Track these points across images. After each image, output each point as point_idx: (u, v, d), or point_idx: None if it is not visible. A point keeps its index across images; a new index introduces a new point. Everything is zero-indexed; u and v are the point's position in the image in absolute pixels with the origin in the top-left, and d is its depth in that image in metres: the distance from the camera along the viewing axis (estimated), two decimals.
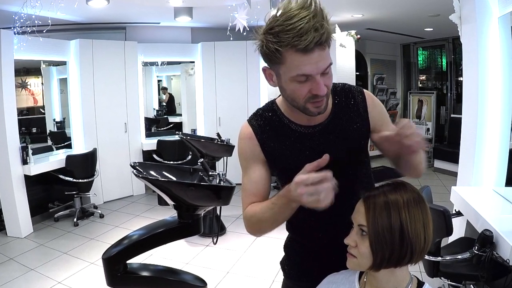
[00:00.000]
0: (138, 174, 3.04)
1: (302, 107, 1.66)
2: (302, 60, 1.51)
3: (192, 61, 9.83)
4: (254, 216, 1.82)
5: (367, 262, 1.49)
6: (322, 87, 1.57)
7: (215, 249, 5.94)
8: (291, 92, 1.63)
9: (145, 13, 8.04)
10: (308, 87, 1.58)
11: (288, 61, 1.54)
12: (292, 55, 1.51)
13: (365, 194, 1.55)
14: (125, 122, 8.57)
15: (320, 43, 1.49)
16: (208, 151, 6.45)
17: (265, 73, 1.72)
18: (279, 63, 1.57)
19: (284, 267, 2.14)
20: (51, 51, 7.53)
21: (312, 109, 1.65)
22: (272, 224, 1.76)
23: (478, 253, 2.99)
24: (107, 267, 3.10)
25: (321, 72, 1.55)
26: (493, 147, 4.37)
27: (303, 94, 1.60)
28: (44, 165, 6.82)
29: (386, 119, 1.94)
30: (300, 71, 1.53)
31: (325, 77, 1.59)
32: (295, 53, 1.50)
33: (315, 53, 1.50)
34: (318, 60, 1.52)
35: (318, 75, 1.55)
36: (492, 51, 4.26)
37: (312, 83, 1.57)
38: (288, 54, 1.52)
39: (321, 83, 1.56)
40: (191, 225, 3.14)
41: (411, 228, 1.42)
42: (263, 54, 1.62)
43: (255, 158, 1.87)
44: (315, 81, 1.56)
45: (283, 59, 1.54)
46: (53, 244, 6.13)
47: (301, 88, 1.59)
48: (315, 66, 1.53)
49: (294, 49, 1.49)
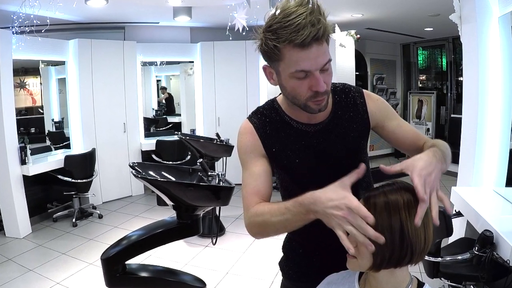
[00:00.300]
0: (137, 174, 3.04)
1: (303, 104, 1.66)
2: (300, 55, 1.52)
3: (191, 61, 9.84)
4: (261, 216, 1.67)
5: (367, 262, 1.49)
6: (321, 83, 1.57)
7: (214, 249, 5.93)
8: (291, 89, 1.64)
9: (144, 12, 8.04)
10: (308, 83, 1.58)
11: (287, 57, 1.55)
12: (290, 51, 1.53)
13: (365, 194, 1.55)
14: (124, 122, 8.57)
15: (317, 38, 1.50)
16: (207, 151, 6.45)
17: (265, 72, 1.73)
18: (278, 60, 1.58)
19: (283, 267, 2.13)
20: (50, 51, 7.53)
21: (313, 106, 1.65)
22: (278, 230, 1.67)
23: (478, 253, 2.99)
24: (106, 267, 3.10)
25: (320, 67, 1.56)
26: (493, 147, 4.37)
27: (303, 91, 1.61)
28: (43, 165, 6.81)
29: (390, 113, 1.94)
30: (299, 66, 1.54)
31: (325, 74, 1.60)
32: (293, 48, 1.51)
33: (313, 48, 1.51)
34: (317, 55, 1.53)
35: (317, 71, 1.56)
36: (493, 51, 4.26)
37: (311, 79, 1.57)
38: (286, 50, 1.53)
39: (320, 79, 1.57)
40: (190, 225, 3.14)
41: (411, 228, 1.41)
42: (263, 52, 1.64)
43: (256, 152, 1.85)
44: (314, 77, 1.56)
45: (281, 55, 1.56)
46: (52, 244, 6.13)
47: (300, 85, 1.60)
48: (314, 62, 1.54)
49: (292, 45, 1.50)
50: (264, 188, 1.79)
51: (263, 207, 1.68)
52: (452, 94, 11.62)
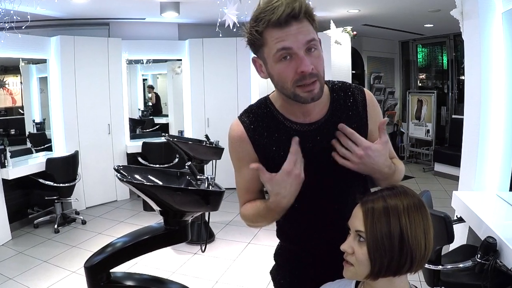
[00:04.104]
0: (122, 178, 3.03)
1: (292, 93, 1.66)
2: (279, 34, 1.58)
3: (179, 59, 9.81)
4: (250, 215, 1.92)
5: (365, 270, 1.49)
6: (306, 62, 1.59)
7: (204, 257, 5.93)
8: (278, 75, 1.66)
9: (129, 8, 8.02)
10: (294, 66, 1.61)
11: (268, 40, 1.61)
12: (271, 32, 1.59)
13: (363, 198, 1.55)
14: (108, 123, 8.55)
15: (294, 15, 1.56)
16: (196, 154, 6.43)
17: (255, 65, 1.77)
18: (262, 45, 1.65)
19: (275, 276, 2.13)
20: (31, 48, 7.51)
21: (302, 95, 1.65)
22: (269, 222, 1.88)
23: (481, 261, 2.99)
24: (90, 276, 3.08)
25: (302, 46, 1.59)
26: (496, 149, 4.37)
27: (290, 75, 1.62)
28: (23, 169, 6.79)
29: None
30: (279, 45, 1.59)
31: (311, 55, 1.62)
32: (272, 29, 1.58)
33: (292, 27, 1.57)
34: (296, 33, 1.58)
35: (301, 51, 1.59)
36: (496, 48, 4.27)
37: (296, 60, 1.60)
38: (267, 32, 1.60)
39: (305, 58, 1.59)
40: (178, 232, 3.13)
41: (411, 234, 1.42)
42: (249, 43, 1.71)
43: (248, 158, 1.86)
44: (298, 57, 1.59)
45: (263, 39, 1.63)
46: (33, 252, 6.10)
47: (286, 69, 1.62)
48: (294, 39, 1.58)
49: (271, 26, 1.58)
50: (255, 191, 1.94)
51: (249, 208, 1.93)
52: (453, 94, 11.67)
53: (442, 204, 6.55)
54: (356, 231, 1.52)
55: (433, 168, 10.78)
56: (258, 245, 6.20)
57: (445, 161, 10.15)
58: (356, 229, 1.52)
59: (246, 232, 6.62)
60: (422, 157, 11.98)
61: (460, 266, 3.26)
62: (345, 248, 1.55)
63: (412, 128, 11.94)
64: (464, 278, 3.36)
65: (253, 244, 6.29)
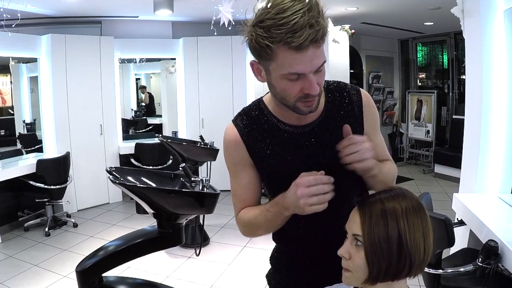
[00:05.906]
0: (115, 180, 3.02)
1: (292, 105, 1.65)
2: (295, 58, 1.49)
3: (173, 58, 9.82)
4: (247, 221, 1.89)
5: (362, 275, 1.48)
6: (314, 86, 1.56)
7: (198, 261, 5.92)
8: (281, 90, 1.62)
9: (122, 6, 8.02)
10: (300, 85, 1.57)
11: (280, 58, 1.52)
12: (285, 52, 1.49)
13: (360, 201, 1.55)
14: (100, 124, 8.53)
15: (315, 40, 1.48)
16: (190, 155, 6.43)
17: (252, 68, 1.70)
18: (270, 59, 1.56)
19: (271, 280, 2.13)
20: (21, 47, 7.50)
21: (302, 108, 1.64)
22: (267, 230, 1.88)
23: (482, 265, 2.98)
24: (81, 280, 3.08)
25: (314, 70, 1.55)
26: (498, 151, 4.37)
27: (294, 93, 1.59)
28: (13, 170, 6.78)
29: (376, 126, 1.96)
30: (293, 69, 1.52)
31: (318, 75, 1.59)
32: (288, 50, 1.48)
33: (309, 51, 1.49)
34: (312, 58, 1.51)
35: (311, 74, 1.54)
36: (497, 47, 4.27)
37: (304, 82, 1.56)
38: (280, 50, 1.50)
39: (314, 82, 1.55)
40: (172, 235, 3.12)
41: (410, 238, 1.41)
42: (252, 49, 1.60)
43: (243, 162, 1.86)
44: (307, 80, 1.55)
45: (274, 55, 1.52)
46: (23, 255, 6.09)
47: (292, 87, 1.58)
48: (309, 65, 1.52)
49: (287, 46, 1.47)
50: (252, 197, 1.93)
51: (248, 213, 1.89)
52: (454, 94, 11.67)
53: (442, 207, 6.56)
54: (353, 235, 1.52)
55: (433, 169, 10.79)
56: (254, 249, 6.20)
57: (445, 162, 10.15)
58: (354, 233, 1.52)
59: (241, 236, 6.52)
60: (422, 159, 12.00)
61: (461, 270, 3.25)
62: (342, 253, 1.55)
63: (411, 128, 11.93)
64: (465, 283, 3.36)
65: (249, 247, 6.28)
